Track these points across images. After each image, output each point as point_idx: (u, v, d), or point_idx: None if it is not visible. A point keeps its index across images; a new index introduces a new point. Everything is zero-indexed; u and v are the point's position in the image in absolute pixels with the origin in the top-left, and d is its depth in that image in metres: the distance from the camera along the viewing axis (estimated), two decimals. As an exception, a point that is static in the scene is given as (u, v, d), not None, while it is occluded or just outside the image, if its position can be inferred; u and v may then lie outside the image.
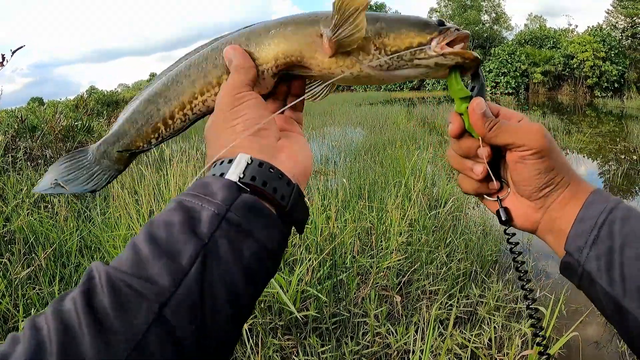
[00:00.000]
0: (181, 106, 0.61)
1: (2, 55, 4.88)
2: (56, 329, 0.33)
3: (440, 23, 0.60)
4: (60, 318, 0.33)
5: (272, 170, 0.45)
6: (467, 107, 0.57)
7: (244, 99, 0.51)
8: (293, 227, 0.48)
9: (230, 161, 0.45)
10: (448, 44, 0.58)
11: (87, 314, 0.33)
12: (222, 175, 0.44)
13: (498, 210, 0.61)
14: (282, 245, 0.44)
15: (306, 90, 0.61)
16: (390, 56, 0.57)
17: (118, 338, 0.33)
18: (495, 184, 0.60)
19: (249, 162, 0.44)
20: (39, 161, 6.41)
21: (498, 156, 0.59)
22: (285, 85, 0.60)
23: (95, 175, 0.65)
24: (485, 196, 0.62)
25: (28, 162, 6.00)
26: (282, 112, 0.58)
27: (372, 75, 0.57)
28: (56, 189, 0.64)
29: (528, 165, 0.54)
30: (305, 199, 0.49)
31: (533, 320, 0.66)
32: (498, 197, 0.61)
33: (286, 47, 0.56)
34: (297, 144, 0.54)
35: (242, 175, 0.43)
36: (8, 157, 5.67)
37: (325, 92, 0.60)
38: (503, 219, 0.60)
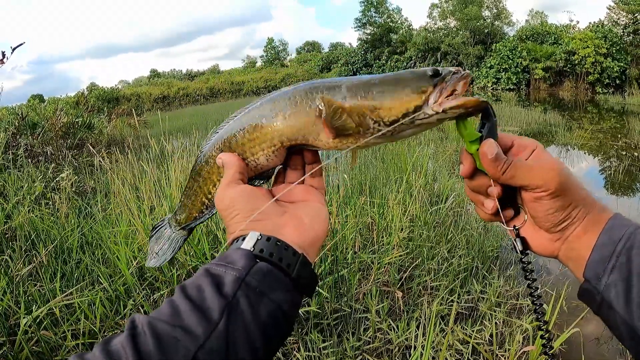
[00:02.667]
0: (208, 189, 0.69)
1: (3, 53, 4.87)
2: None
3: (435, 73, 0.57)
4: (108, 355, 0.40)
5: (278, 243, 0.52)
6: (478, 149, 0.56)
7: (233, 197, 0.58)
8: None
9: (244, 238, 0.53)
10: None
11: (134, 355, 0.40)
12: (237, 247, 0.52)
13: (515, 239, 0.60)
14: (293, 306, 0.51)
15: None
16: (390, 126, 0.56)
17: None
18: (507, 215, 0.60)
19: (259, 238, 0.52)
20: (40, 158, 6.41)
21: (514, 188, 0.58)
22: (300, 155, 0.65)
23: (173, 243, 0.75)
24: (503, 223, 0.62)
25: (29, 159, 6.00)
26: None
27: (378, 142, 0.58)
28: (158, 262, 0.75)
29: (544, 204, 0.55)
30: (313, 267, 0.54)
31: (539, 322, 0.63)
32: (515, 227, 0.60)
33: (289, 132, 0.59)
34: (309, 214, 0.59)
35: (252, 249, 0.51)
36: (9, 154, 5.67)
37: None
38: (520, 248, 0.60)
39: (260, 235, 0.52)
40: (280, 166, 0.66)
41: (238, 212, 0.56)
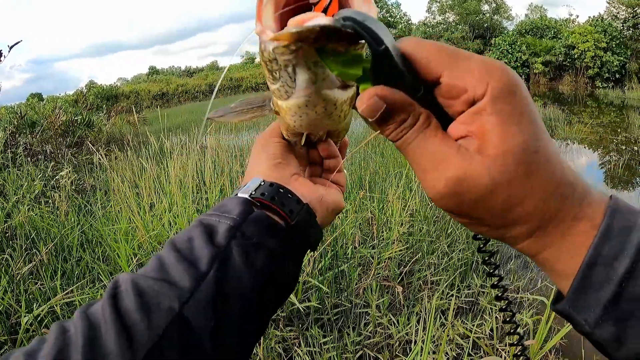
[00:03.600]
0: None
1: (0, 51, 4.86)
2: (82, 327, 0.35)
3: None
4: (86, 318, 0.36)
5: (281, 190, 0.48)
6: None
7: (271, 142, 0.55)
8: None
9: (246, 185, 0.49)
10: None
11: (112, 314, 0.36)
12: (235, 195, 0.48)
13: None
14: (294, 258, 0.47)
15: None
16: (272, 77, 0.45)
17: (140, 334, 0.35)
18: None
19: (261, 183, 0.49)
20: (39, 156, 6.40)
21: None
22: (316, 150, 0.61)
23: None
24: None
25: (28, 158, 6.00)
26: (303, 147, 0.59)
27: (297, 103, 0.45)
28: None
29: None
30: (317, 221, 0.51)
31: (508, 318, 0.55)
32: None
33: None
34: (325, 188, 0.55)
35: (253, 192, 0.47)
36: (8, 153, 5.67)
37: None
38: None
39: (263, 180, 0.49)
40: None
41: (264, 155, 0.54)
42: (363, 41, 0.33)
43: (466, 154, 0.31)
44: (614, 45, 27.47)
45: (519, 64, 31.40)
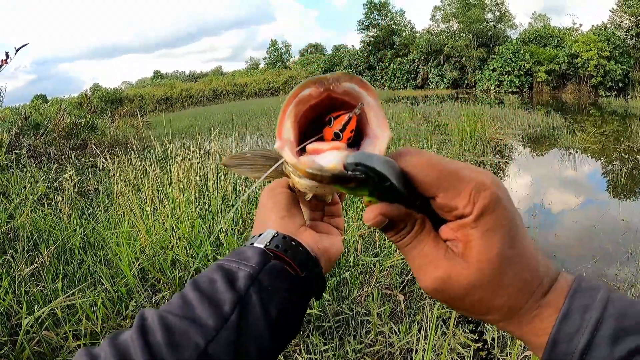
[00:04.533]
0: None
1: (6, 53, 4.90)
2: (113, 355, 0.38)
3: None
4: (117, 349, 0.39)
5: (293, 242, 0.53)
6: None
7: (278, 193, 0.60)
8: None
9: (261, 235, 0.54)
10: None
11: (142, 347, 0.39)
12: (252, 244, 0.53)
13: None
14: (302, 306, 0.52)
15: None
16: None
17: None
18: None
19: (275, 235, 0.53)
20: (43, 158, 6.43)
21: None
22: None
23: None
24: None
25: (32, 160, 6.02)
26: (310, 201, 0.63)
27: (309, 186, 0.50)
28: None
29: None
30: (323, 273, 0.55)
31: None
32: None
33: None
34: (327, 237, 0.59)
35: (268, 244, 0.51)
36: (12, 154, 5.70)
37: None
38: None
39: (277, 232, 0.53)
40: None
41: (271, 207, 0.58)
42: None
43: (452, 257, 0.39)
44: (617, 54, 27.49)
45: (522, 72, 31.43)
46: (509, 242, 0.37)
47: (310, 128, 0.47)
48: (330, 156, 0.41)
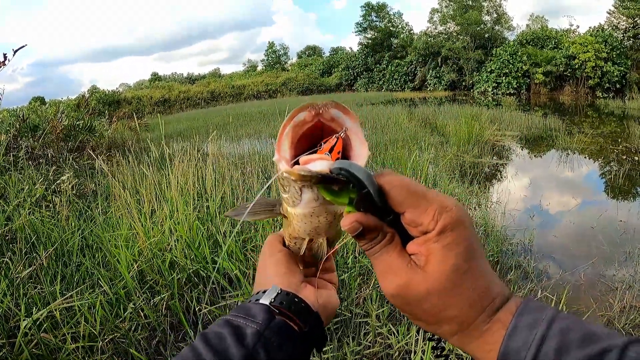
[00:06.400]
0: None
1: (4, 55, 4.90)
2: None
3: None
4: None
5: (297, 299, 0.56)
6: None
7: (276, 252, 0.63)
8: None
9: (265, 292, 0.57)
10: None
11: None
12: (257, 300, 0.56)
13: None
14: (303, 356, 0.55)
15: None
16: (283, 189, 0.54)
17: None
18: None
19: (279, 292, 0.56)
20: (41, 160, 6.41)
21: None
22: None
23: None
24: None
25: (29, 162, 6.01)
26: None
27: (303, 213, 0.54)
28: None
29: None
30: (324, 328, 0.59)
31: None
32: None
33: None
34: (325, 292, 0.63)
35: (272, 300, 0.54)
36: (9, 156, 5.68)
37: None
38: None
39: (280, 290, 0.56)
40: None
41: (272, 267, 0.61)
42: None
43: (413, 267, 0.44)
44: (614, 56, 27.61)
45: (519, 74, 31.54)
46: (465, 257, 0.42)
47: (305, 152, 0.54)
48: (318, 163, 0.48)
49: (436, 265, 0.42)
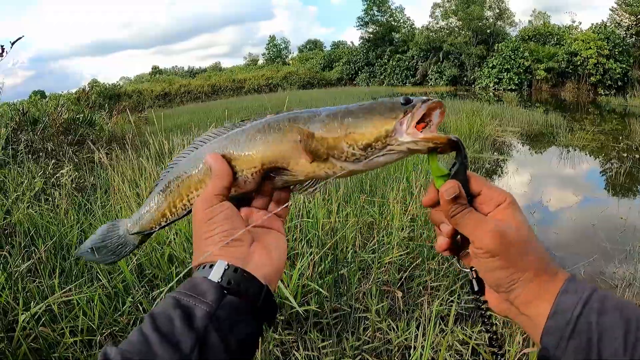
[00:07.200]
0: (180, 198, 0.70)
1: (2, 47, 4.86)
2: None
3: (406, 101, 0.60)
4: None
5: (245, 275, 0.55)
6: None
7: (216, 212, 0.60)
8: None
9: (212, 266, 0.55)
10: (425, 118, 0.60)
11: None
12: (204, 277, 0.54)
13: (472, 280, 0.62)
14: (258, 336, 0.55)
15: (299, 189, 0.66)
16: (362, 150, 0.59)
17: None
18: (464, 254, 0.63)
19: (226, 268, 0.54)
20: (40, 154, 6.39)
21: None
22: (271, 182, 0.66)
23: (120, 248, 0.78)
24: (457, 263, 0.67)
25: (29, 155, 5.99)
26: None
27: (354, 169, 0.61)
28: (89, 256, 0.78)
29: (481, 261, 0.57)
30: (275, 298, 0.58)
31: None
32: (471, 268, 0.62)
33: (271, 154, 0.63)
34: (272, 243, 0.63)
35: (220, 280, 0.53)
36: (9, 149, 5.66)
37: (315, 189, 0.64)
38: (475, 289, 0.62)
39: (228, 265, 0.54)
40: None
41: (216, 232, 0.58)
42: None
43: (499, 221, 0.56)
44: (616, 53, 27.49)
45: (521, 70, 31.42)
46: (529, 225, 0.58)
47: None
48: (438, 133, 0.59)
49: (515, 222, 0.56)
